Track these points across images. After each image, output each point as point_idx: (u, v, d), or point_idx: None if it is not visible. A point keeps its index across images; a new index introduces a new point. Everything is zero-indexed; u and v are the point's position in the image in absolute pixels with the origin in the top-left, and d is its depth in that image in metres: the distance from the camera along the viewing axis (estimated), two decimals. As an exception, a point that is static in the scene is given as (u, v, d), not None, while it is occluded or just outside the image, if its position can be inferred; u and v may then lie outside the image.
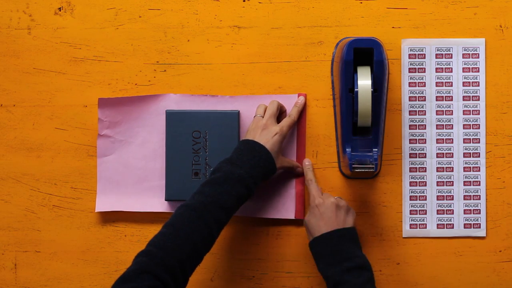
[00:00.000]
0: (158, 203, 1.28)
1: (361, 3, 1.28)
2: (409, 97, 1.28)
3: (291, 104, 1.27)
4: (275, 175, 1.22)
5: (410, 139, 1.28)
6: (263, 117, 1.21)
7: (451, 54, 1.28)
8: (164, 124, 1.28)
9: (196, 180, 1.25)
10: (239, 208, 1.13)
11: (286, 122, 1.20)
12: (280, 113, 1.24)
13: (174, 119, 1.26)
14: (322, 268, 1.12)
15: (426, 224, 1.28)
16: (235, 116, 1.26)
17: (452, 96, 1.28)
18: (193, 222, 1.05)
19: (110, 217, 1.29)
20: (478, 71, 1.28)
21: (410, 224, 1.28)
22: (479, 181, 1.28)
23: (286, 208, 1.27)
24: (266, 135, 1.16)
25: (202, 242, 1.06)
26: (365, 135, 1.21)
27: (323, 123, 1.29)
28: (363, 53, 1.18)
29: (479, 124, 1.28)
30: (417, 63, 1.28)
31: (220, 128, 1.26)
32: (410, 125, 1.28)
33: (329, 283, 1.11)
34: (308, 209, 1.20)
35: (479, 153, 1.28)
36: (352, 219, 1.17)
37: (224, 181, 1.09)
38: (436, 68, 1.28)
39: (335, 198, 1.18)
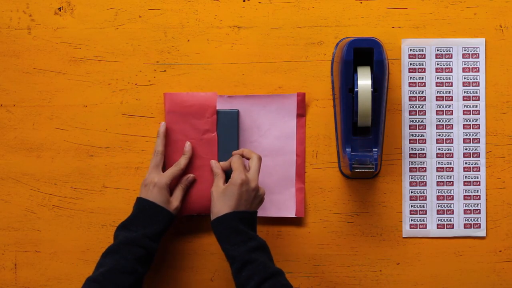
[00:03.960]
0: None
1: (361, 3, 1.28)
2: (409, 97, 1.28)
3: (290, 104, 1.27)
4: (273, 173, 1.24)
5: (410, 139, 1.28)
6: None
7: (451, 54, 1.28)
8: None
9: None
10: (147, 267, 1.16)
11: (169, 171, 1.21)
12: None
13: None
14: (227, 248, 1.13)
15: (426, 224, 1.28)
16: (234, 115, 1.26)
17: (452, 96, 1.28)
18: None
19: (110, 217, 1.29)
20: (478, 71, 1.28)
21: (410, 224, 1.28)
22: (479, 181, 1.28)
23: (287, 207, 1.27)
24: (148, 190, 1.19)
25: None
26: (365, 135, 1.21)
27: (323, 123, 1.29)
28: (363, 53, 1.18)
29: (479, 124, 1.28)
30: (417, 63, 1.28)
31: (219, 128, 1.25)
32: (410, 125, 1.28)
33: (236, 263, 1.11)
34: (221, 180, 1.19)
35: (479, 153, 1.28)
36: (259, 205, 1.18)
37: (121, 248, 1.14)
38: (436, 68, 1.28)
39: (244, 177, 1.15)
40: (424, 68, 1.28)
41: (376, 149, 1.20)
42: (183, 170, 1.23)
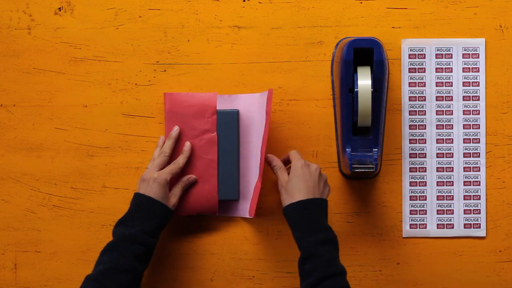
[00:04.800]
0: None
1: (361, 3, 1.28)
2: (409, 97, 1.28)
3: (260, 103, 1.27)
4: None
5: (410, 139, 1.28)
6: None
7: (451, 54, 1.28)
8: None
9: (196, 180, 1.26)
10: (147, 263, 1.15)
11: (167, 168, 1.21)
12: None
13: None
14: (297, 237, 1.12)
15: (426, 224, 1.28)
16: (234, 116, 1.26)
17: (452, 96, 1.28)
18: None
19: (110, 217, 1.29)
20: (478, 71, 1.28)
21: (410, 224, 1.28)
22: (479, 181, 1.28)
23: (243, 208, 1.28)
24: (146, 186, 1.19)
25: None
26: (365, 135, 1.21)
27: (323, 123, 1.29)
28: (363, 53, 1.18)
29: (479, 124, 1.28)
30: (417, 63, 1.28)
31: (219, 127, 1.25)
32: (410, 125, 1.28)
33: (302, 253, 1.11)
34: (285, 172, 1.18)
35: (479, 153, 1.28)
36: (327, 192, 1.17)
37: (119, 245, 1.13)
38: (436, 68, 1.28)
39: (318, 166, 1.17)
40: (424, 68, 1.28)
41: (376, 149, 1.20)
42: (181, 169, 1.23)
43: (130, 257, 1.12)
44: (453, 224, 1.28)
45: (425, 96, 1.28)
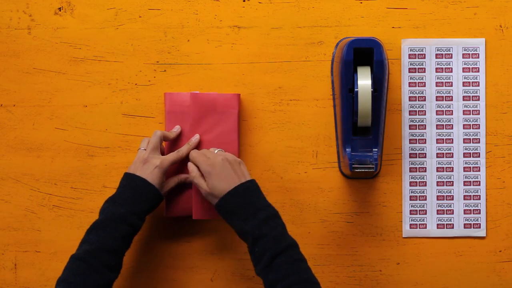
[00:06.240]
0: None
1: (361, 3, 1.28)
2: (409, 97, 1.28)
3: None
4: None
5: (410, 139, 1.28)
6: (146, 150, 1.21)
7: (451, 54, 1.28)
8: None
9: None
10: (130, 244, 1.14)
11: (170, 156, 1.20)
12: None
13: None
14: (239, 225, 1.11)
15: (426, 224, 1.28)
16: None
17: (452, 96, 1.28)
18: (84, 273, 1.07)
19: (110, 217, 1.29)
20: (478, 71, 1.28)
21: (410, 224, 1.28)
22: (479, 181, 1.28)
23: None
24: (147, 169, 1.17)
25: None
26: (365, 135, 1.21)
27: (323, 123, 1.29)
28: (363, 53, 1.18)
29: (479, 124, 1.28)
30: (417, 63, 1.28)
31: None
32: (410, 125, 1.28)
33: (249, 239, 1.10)
34: (200, 178, 1.17)
35: (479, 153, 1.28)
36: (247, 171, 1.17)
37: (107, 224, 1.12)
38: (436, 68, 1.28)
39: (221, 154, 1.16)
40: (424, 68, 1.28)
41: (376, 149, 1.20)
42: (183, 159, 1.22)
43: (118, 238, 1.11)
44: (453, 224, 1.28)
45: (425, 96, 1.28)
